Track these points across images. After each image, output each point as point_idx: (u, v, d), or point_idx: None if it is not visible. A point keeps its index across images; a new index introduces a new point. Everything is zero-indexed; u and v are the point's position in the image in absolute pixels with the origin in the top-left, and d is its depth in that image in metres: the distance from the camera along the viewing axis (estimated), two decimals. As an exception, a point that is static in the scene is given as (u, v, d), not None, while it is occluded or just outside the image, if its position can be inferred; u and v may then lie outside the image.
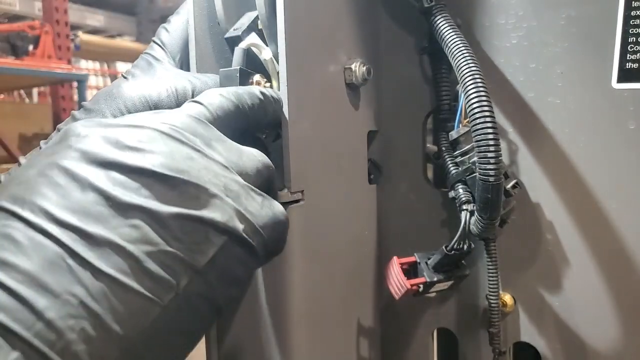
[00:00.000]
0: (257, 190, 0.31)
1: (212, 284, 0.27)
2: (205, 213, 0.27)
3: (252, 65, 0.43)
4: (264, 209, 0.31)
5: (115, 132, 0.27)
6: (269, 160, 0.34)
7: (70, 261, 0.23)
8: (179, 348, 0.27)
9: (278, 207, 0.32)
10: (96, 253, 0.24)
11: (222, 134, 0.32)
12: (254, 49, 0.43)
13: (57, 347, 0.21)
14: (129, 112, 0.36)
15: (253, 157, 0.33)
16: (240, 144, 0.33)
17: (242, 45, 0.43)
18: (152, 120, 0.29)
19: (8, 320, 0.21)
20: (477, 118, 0.37)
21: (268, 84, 0.41)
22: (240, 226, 0.28)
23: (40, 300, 0.22)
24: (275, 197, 0.34)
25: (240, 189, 0.30)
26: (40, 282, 0.22)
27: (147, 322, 0.24)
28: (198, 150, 0.29)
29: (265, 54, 0.42)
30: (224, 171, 0.29)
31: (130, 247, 0.24)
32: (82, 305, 0.22)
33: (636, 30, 0.40)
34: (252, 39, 0.43)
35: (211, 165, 0.29)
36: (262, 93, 0.37)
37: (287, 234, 0.33)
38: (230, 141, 0.32)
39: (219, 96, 0.34)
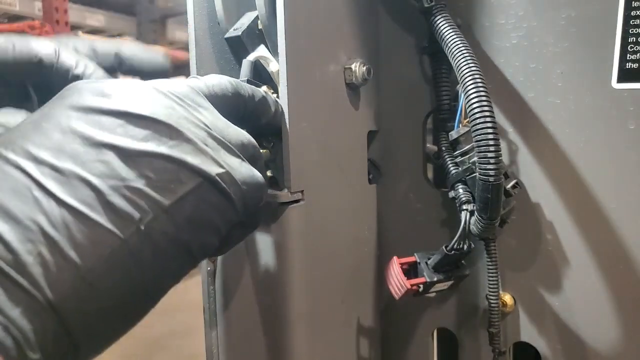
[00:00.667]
0: (238, 152, 0.32)
1: (180, 225, 0.28)
2: (176, 153, 0.28)
3: (259, 78, 0.43)
4: (243, 167, 0.31)
5: (105, 85, 0.29)
6: (255, 141, 0.34)
7: (37, 192, 0.25)
8: (142, 286, 0.27)
9: (257, 172, 0.33)
10: (63, 186, 0.25)
11: (214, 108, 0.32)
12: (261, 61, 0.43)
13: (14, 266, 0.23)
14: None
15: (239, 131, 0.33)
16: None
17: (250, 57, 0.43)
18: (147, 82, 0.30)
19: None
20: (477, 118, 0.37)
21: (275, 95, 0.41)
22: (215, 170, 0.29)
23: (1, 225, 0.23)
24: None
25: (219, 145, 0.30)
26: (4, 208, 0.24)
27: (105, 252, 0.25)
28: (183, 107, 0.30)
29: (273, 66, 0.42)
30: (206, 128, 0.30)
31: (96, 181, 0.26)
32: (42, 232, 0.24)
33: (636, 30, 0.40)
34: (261, 51, 0.43)
35: (193, 119, 0.30)
36: (265, 92, 0.37)
37: (264, 197, 0.34)
38: (219, 115, 0.32)
39: (219, 77, 0.35)
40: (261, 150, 0.36)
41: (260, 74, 0.47)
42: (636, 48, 0.40)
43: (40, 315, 0.23)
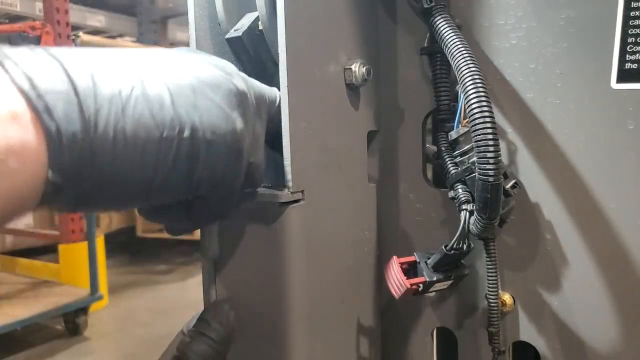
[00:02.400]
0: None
1: (198, 152, 0.33)
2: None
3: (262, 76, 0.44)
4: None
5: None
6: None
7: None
8: (148, 179, 0.32)
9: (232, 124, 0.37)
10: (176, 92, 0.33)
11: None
12: None
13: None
14: None
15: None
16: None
17: None
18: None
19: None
20: (476, 118, 0.38)
21: None
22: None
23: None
24: None
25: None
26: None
27: (143, 135, 0.31)
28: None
29: None
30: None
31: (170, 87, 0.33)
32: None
33: (636, 31, 0.40)
34: None
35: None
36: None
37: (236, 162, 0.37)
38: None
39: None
40: None
41: (261, 75, 0.47)
42: (635, 48, 0.40)
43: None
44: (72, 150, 0.28)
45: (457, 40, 0.40)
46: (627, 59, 0.41)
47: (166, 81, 0.33)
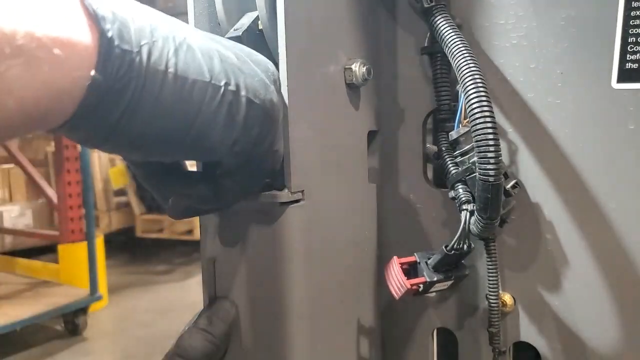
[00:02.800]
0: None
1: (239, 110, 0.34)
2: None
3: None
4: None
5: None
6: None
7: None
8: (191, 122, 0.32)
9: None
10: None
11: None
12: None
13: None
14: None
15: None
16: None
17: None
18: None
19: None
20: (477, 118, 0.37)
21: None
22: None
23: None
24: None
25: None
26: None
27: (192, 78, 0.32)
28: None
29: None
30: None
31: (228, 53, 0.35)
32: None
33: (636, 31, 0.40)
34: None
35: None
36: None
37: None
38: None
39: None
40: None
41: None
42: (636, 48, 0.40)
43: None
44: (122, 64, 0.28)
45: (457, 39, 0.40)
46: (627, 58, 0.41)
47: (214, 43, 0.34)
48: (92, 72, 0.28)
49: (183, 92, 0.31)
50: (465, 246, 0.43)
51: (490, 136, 0.37)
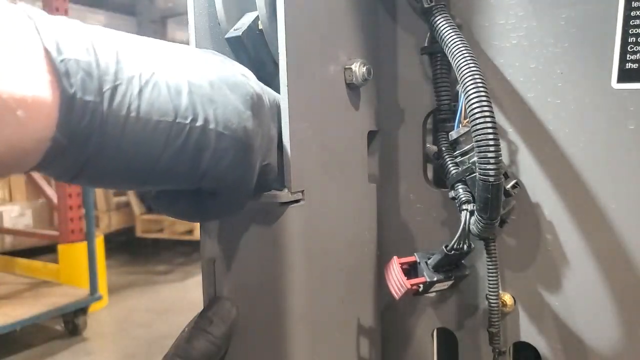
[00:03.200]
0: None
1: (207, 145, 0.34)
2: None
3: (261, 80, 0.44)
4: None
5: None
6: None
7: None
8: (155, 161, 0.33)
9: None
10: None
11: None
12: None
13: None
14: None
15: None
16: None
17: None
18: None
19: None
20: (477, 118, 0.37)
21: None
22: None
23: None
24: None
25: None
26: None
27: (156, 118, 0.32)
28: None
29: None
30: None
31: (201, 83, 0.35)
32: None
33: (636, 30, 0.40)
34: None
35: None
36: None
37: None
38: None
39: None
40: None
41: (261, 75, 0.47)
42: (636, 48, 0.40)
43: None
44: (83, 116, 0.29)
45: (457, 39, 0.40)
46: (627, 58, 0.41)
47: (187, 72, 0.34)
48: (56, 133, 0.28)
49: (145, 134, 0.31)
50: (465, 246, 0.43)
51: (490, 136, 0.37)
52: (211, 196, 0.37)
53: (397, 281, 0.44)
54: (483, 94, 0.38)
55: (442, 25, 0.42)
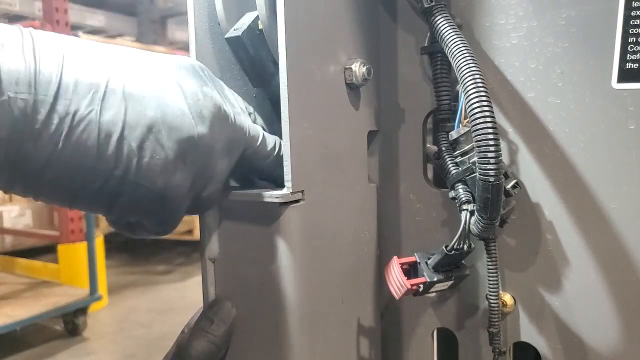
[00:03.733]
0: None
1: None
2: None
3: (260, 78, 0.44)
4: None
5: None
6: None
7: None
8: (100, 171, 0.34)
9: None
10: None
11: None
12: None
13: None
14: None
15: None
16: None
17: None
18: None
19: None
20: (477, 118, 0.37)
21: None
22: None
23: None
24: None
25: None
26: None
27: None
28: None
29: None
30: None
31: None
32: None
33: (636, 30, 0.40)
34: None
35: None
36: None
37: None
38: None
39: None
40: None
41: (261, 75, 0.47)
42: (636, 48, 0.40)
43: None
44: (8, 147, 0.30)
45: (457, 39, 0.40)
46: (627, 58, 0.41)
47: (127, 107, 0.33)
48: None
49: (66, 175, 0.32)
50: (465, 246, 0.43)
51: (491, 136, 0.37)
52: (138, 222, 0.39)
53: (397, 281, 0.44)
54: (483, 93, 0.38)
55: (442, 25, 0.42)
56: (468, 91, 0.38)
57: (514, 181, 0.43)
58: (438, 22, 0.42)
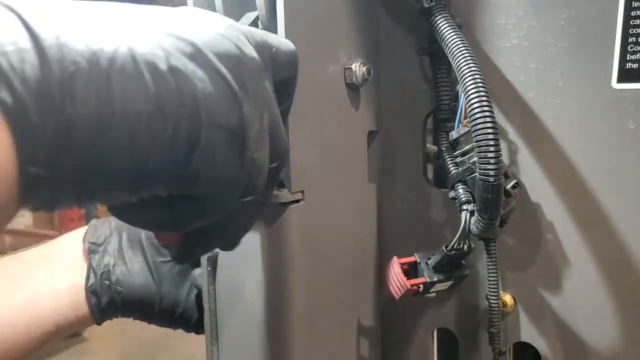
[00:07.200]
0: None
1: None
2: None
3: None
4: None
5: None
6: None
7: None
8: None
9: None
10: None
11: None
12: None
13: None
14: None
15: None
16: None
17: None
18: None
19: None
20: (477, 118, 0.37)
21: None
22: None
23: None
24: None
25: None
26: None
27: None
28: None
29: None
30: None
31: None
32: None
33: (636, 30, 0.40)
34: None
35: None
36: None
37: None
38: None
39: None
40: None
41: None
42: (636, 48, 0.40)
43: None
44: (46, 131, 0.21)
45: (457, 39, 0.40)
46: (627, 58, 0.41)
47: (160, 39, 0.26)
48: (25, 170, 0.21)
49: (125, 136, 0.24)
50: (465, 246, 0.43)
51: (491, 136, 0.37)
52: (190, 201, 0.29)
53: (397, 281, 0.44)
54: (483, 93, 0.38)
55: (442, 25, 0.42)
56: (468, 91, 0.38)
57: (514, 181, 0.43)
58: (438, 22, 0.42)
